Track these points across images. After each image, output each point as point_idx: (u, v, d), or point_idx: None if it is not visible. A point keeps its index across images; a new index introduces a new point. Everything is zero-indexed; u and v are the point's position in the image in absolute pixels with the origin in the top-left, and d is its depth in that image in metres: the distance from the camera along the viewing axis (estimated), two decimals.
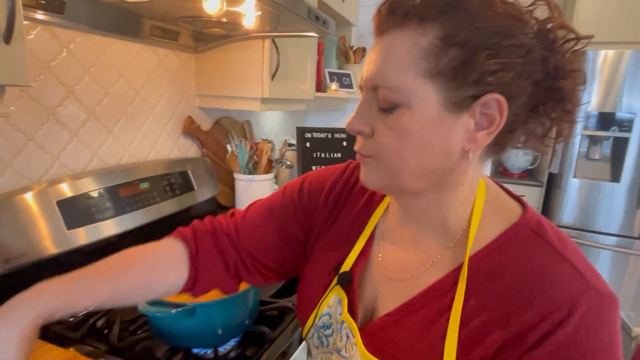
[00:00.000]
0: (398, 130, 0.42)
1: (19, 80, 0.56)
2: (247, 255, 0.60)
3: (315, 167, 1.74)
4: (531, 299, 0.40)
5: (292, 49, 1.44)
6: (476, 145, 0.42)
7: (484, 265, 0.44)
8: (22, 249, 0.79)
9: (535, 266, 0.42)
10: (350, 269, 0.53)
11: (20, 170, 0.88)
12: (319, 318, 0.54)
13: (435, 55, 0.39)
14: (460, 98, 0.40)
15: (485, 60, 0.39)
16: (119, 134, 1.13)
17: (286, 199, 0.62)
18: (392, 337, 0.47)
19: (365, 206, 0.57)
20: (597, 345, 0.39)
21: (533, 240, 0.44)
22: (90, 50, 1.00)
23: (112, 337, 0.73)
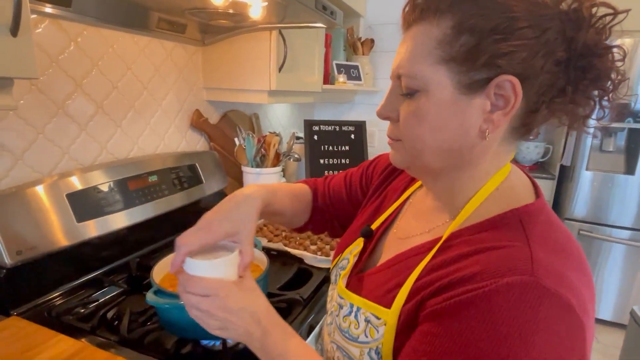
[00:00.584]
0: (417, 113, 0.46)
1: (26, 72, 0.56)
2: (332, 208, 0.77)
3: (323, 160, 1.73)
4: (473, 262, 0.42)
5: (299, 41, 1.43)
6: (493, 125, 0.45)
7: (463, 237, 0.46)
8: (34, 241, 0.80)
9: (496, 244, 0.43)
10: (375, 228, 0.62)
11: (30, 164, 0.89)
12: (341, 260, 0.63)
13: (447, 43, 0.43)
14: (472, 81, 0.43)
15: (494, 44, 0.41)
16: (128, 128, 1.13)
17: (358, 169, 0.77)
18: (368, 280, 0.55)
19: (408, 182, 0.65)
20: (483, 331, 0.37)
21: (514, 228, 0.44)
22: (98, 43, 1.01)
23: (122, 328, 0.74)
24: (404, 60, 0.46)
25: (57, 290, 0.87)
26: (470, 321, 0.38)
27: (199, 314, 0.50)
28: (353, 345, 0.51)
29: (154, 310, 0.81)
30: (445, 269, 0.44)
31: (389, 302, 0.47)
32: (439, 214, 0.53)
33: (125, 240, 1.03)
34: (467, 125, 0.45)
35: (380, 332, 0.47)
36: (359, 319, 0.51)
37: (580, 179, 2.40)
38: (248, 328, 0.50)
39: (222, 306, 0.49)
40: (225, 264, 0.51)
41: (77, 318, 0.80)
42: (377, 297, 0.50)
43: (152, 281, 0.69)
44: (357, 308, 0.52)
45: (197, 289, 0.49)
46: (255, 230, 0.58)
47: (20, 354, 0.65)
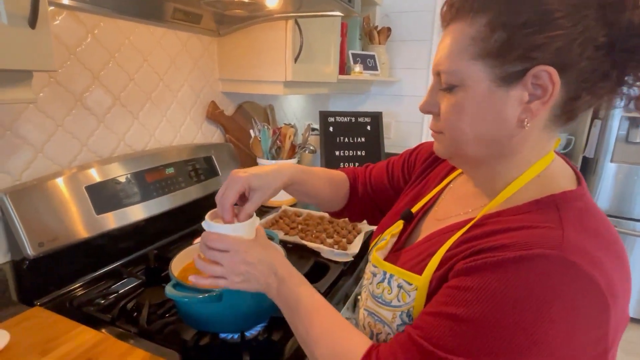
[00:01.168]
0: (456, 106, 0.49)
1: (45, 65, 0.56)
2: (373, 194, 0.82)
3: (339, 152, 1.71)
4: (505, 237, 0.44)
5: (315, 30, 1.40)
6: (532, 115, 0.46)
7: (498, 219, 0.48)
8: (55, 233, 0.81)
9: (529, 224, 0.44)
10: (415, 211, 0.65)
11: (50, 156, 0.90)
12: (380, 240, 0.67)
13: (481, 39, 0.45)
14: (508, 73, 0.45)
15: (527, 37, 0.43)
16: (144, 120, 1.13)
17: (400, 157, 0.81)
18: (404, 255, 0.59)
19: (449, 170, 0.67)
20: (501, 290, 0.39)
21: (548, 212, 0.45)
22: (115, 35, 1.00)
23: (142, 320, 0.74)
24: (442, 57, 0.49)
25: (78, 282, 0.89)
26: (491, 279, 0.41)
27: (221, 270, 0.55)
28: (386, 309, 0.54)
29: (172, 302, 0.81)
30: (477, 241, 0.46)
31: (420, 269, 0.51)
32: (478, 198, 0.56)
33: (142, 232, 1.03)
34: (505, 116, 0.47)
35: (412, 297, 0.51)
36: (392, 285, 0.55)
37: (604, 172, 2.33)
38: (267, 279, 0.56)
39: (243, 260, 0.55)
40: (245, 227, 0.58)
41: (97, 309, 0.81)
42: (410, 266, 0.54)
43: (171, 274, 0.69)
44: (390, 275, 0.56)
45: (219, 244, 0.55)
46: (269, 198, 0.66)
47: (44, 344, 0.66)
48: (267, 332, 0.75)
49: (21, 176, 0.84)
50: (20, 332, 0.69)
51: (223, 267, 0.55)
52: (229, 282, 0.56)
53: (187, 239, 1.14)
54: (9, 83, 0.55)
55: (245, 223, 0.58)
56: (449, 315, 0.42)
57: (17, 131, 0.82)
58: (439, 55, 0.50)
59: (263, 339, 0.74)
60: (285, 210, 1.33)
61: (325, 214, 1.29)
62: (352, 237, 1.12)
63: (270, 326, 0.76)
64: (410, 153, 0.79)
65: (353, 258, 1.02)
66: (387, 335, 0.54)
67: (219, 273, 0.56)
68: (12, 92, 0.55)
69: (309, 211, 1.32)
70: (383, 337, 0.55)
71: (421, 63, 2.10)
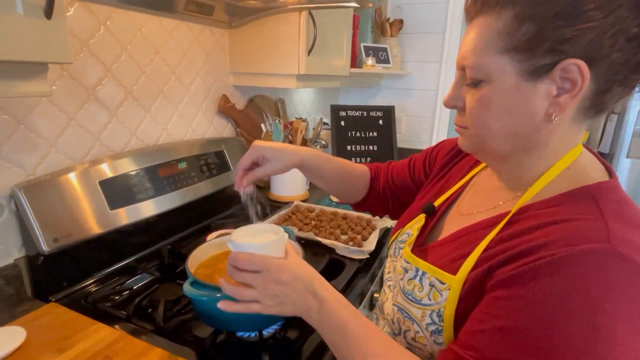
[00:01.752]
0: (481, 101, 0.48)
1: (61, 57, 0.54)
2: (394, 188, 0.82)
3: (350, 147, 1.69)
4: (545, 233, 0.42)
5: (327, 22, 1.37)
6: (560, 109, 0.45)
7: (530, 213, 0.47)
8: (69, 229, 0.80)
9: (568, 216, 0.43)
10: (437, 205, 0.64)
11: (63, 150, 0.88)
12: (402, 234, 0.66)
13: (508, 33, 0.44)
14: (536, 67, 0.44)
15: (556, 30, 0.41)
16: (156, 114, 1.11)
17: (422, 154, 0.80)
18: (433, 252, 0.56)
19: (473, 164, 0.66)
20: (553, 295, 0.38)
21: (586, 202, 0.44)
22: (127, 26, 0.98)
23: (158, 317, 0.73)
24: (467, 52, 0.48)
25: (92, 277, 0.88)
26: (541, 286, 0.39)
27: (253, 294, 0.51)
28: (415, 306, 0.53)
29: (187, 299, 0.80)
30: (515, 240, 0.45)
31: (454, 269, 0.49)
32: (504, 191, 0.55)
33: (155, 228, 1.02)
34: (532, 110, 0.46)
35: (444, 296, 0.49)
36: (424, 282, 0.53)
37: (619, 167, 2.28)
38: (305, 300, 0.51)
39: (276, 279, 0.50)
40: (273, 245, 0.53)
41: (112, 305, 0.80)
42: (443, 264, 0.52)
43: (188, 272, 0.67)
44: (422, 272, 0.54)
45: (248, 265, 0.51)
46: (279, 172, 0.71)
47: (60, 341, 0.65)
48: (284, 331, 0.74)
49: (35, 171, 0.83)
50: (36, 329, 0.68)
51: (255, 290, 0.51)
52: (262, 307, 0.52)
53: (199, 235, 1.12)
54: (24, 75, 0.53)
55: (274, 239, 0.54)
56: (502, 329, 0.40)
57: (31, 125, 0.81)
58: (464, 50, 0.49)
59: (281, 337, 0.73)
60: (297, 206, 1.31)
61: (339, 210, 1.27)
62: (367, 234, 1.10)
63: (286, 324, 0.75)
64: (432, 149, 0.79)
65: (369, 255, 1.01)
66: (415, 333, 0.52)
67: (251, 297, 0.51)
68: (27, 84, 0.54)
69: (322, 207, 1.30)
70: (411, 334, 0.53)
71: (433, 56, 2.06)
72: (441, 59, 2.04)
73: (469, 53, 0.48)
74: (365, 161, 1.69)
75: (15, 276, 0.79)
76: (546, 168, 0.49)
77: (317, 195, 1.53)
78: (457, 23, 1.96)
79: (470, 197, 0.62)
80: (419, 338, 0.52)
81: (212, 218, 1.23)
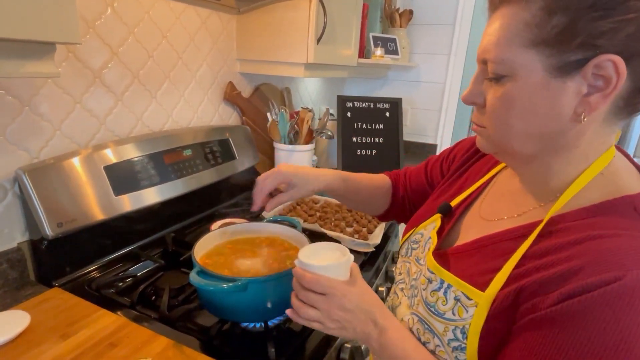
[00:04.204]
0: (504, 98, 0.45)
1: (69, 37, 0.52)
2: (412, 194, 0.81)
3: (356, 139, 1.67)
4: (582, 251, 0.39)
5: (337, 11, 1.35)
6: (590, 108, 0.41)
7: (565, 223, 0.44)
8: (73, 214, 0.79)
9: (608, 231, 0.40)
10: (454, 206, 0.61)
11: (69, 134, 0.87)
12: (415, 234, 0.64)
13: (536, 25, 0.41)
14: (566, 63, 0.40)
15: (591, 22, 0.38)
16: (162, 99, 1.10)
17: (439, 155, 0.78)
18: (455, 259, 0.53)
19: (493, 163, 0.63)
20: (599, 338, 0.35)
21: (628, 215, 0.41)
22: (134, 8, 0.96)
23: (162, 306, 0.73)
24: (490, 44, 0.45)
25: (95, 263, 0.87)
26: (583, 327, 0.36)
27: (317, 314, 0.51)
28: (438, 320, 0.50)
29: (192, 288, 0.79)
30: (549, 257, 0.41)
31: (483, 284, 0.46)
32: (529, 196, 0.51)
33: (159, 215, 1.02)
34: (560, 110, 0.42)
35: (470, 313, 0.46)
36: (448, 296, 0.50)
37: None
38: (365, 328, 0.51)
39: (340, 305, 0.50)
40: (340, 267, 0.53)
41: (116, 292, 0.79)
42: (470, 277, 0.49)
43: (195, 261, 0.66)
44: (447, 285, 0.51)
45: (315, 286, 0.50)
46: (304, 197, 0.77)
47: (65, 327, 0.65)
48: (289, 322, 0.73)
49: (39, 154, 0.82)
50: (40, 314, 0.67)
51: (318, 312, 0.51)
52: (323, 327, 0.52)
53: (203, 223, 1.12)
54: (32, 55, 0.51)
55: (342, 262, 0.53)
56: None
57: (36, 107, 0.79)
58: (486, 42, 0.45)
59: (285, 328, 0.72)
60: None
61: None
62: (373, 227, 1.09)
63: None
64: (450, 149, 0.76)
65: (375, 249, 1.00)
66: (435, 346, 0.50)
67: (314, 317, 0.51)
68: (35, 65, 0.52)
69: (326, 198, 1.29)
70: (431, 347, 0.51)
71: (442, 49, 2.03)
72: (450, 52, 2.01)
73: (491, 45, 0.44)
74: (371, 153, 1.68)
75: (19, 260, 0.78)
76: (578, 171, 0.46)
77: None
78: (468, 15, 1.93)
79: (491, 200, 0.58)
80: (440, 352, 0.50)
81: (216, 207, 1.22)
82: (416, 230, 0.64)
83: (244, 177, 1.33)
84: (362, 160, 1.66)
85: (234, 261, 0.74)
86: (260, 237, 0.83)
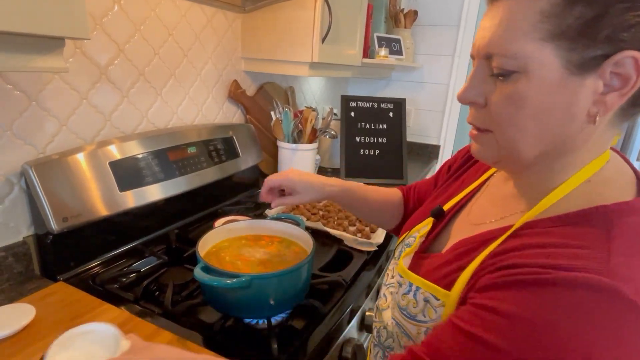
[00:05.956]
0: (514, 97, 0.41)
1: (78, 32, 0.53)
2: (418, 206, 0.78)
3: (359, 138, 1.67)
4: (540, 254, 0.38)
5: (341, 10, 1.35)
6: (605, 109, 0.39)
7: (534, 230, 0.42)
8: (79, 209, 0.80)
9: (570, 241, 0.38)
10: (447, 209, 0.59)
11: (74, 130, 0.88)
12: (408, 237, 0.62)
13: (556, 15, 0.37)
14: (587, 58, 0.37)
15: (619, 14, 0.35)
16: (167, 96, 1.10)
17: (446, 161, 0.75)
18: (430, 261, 0.52)
19: (487, 166, 0.60)
20: (533, 316, 0.34)
21: (597, 226, 0.38)
22: (141, 5, 0.96)
23: (166, 301, 0.73)
24: (497, 36, 0.40)
25: (99, 258, 0.88)
26: (522, 302, 0.35)
27: None
28: (411, 323, 0.50)
29: (196, 284, 0.80)
30: (509, 254, 0.40)
31: (448, 284, 0.46)
32: (517, 201, 0.49)
33: (163, 211, 1.02)
34: (575, 110, 0.39)
35: (439, 313, 0.46)
36: (418, 298, 0.49)
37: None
38: None
39: None
40: None
41: (120, 287, 0.80)
42: (437, 278, 0.48)
43: (199, 257, 0.67)
44: (416, 287, 0.50)
45: None
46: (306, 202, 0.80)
47: (69, 320, 0.65)
48: (293, 319, 0.74)
49: (45, 149, 0.82)
50: (45, 308, 0.68)
51: None
52: None
53: (207, 220, 1.12)
54: (41, 50, 0.52)
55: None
56: (469, 335, 0.37)
57: (43, 102, 0.80)
58: (491, 34, 0.41)
59: (288, 325, 0.72)
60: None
61: None
62: (375, 226, 1.09)
63: (294, 313, 0.75)
64: (455, 158, 0.73)
65: (377, 248, 1.00)
66: None
67: None
68: (44, 59, 0.52)
69: None
70: None
71: (446, 50, 2.03)
72: (454, 53, 2.01)
73: (499, 38, 0.40)
74: (374, 153, 1.68)
75: (24, 254, 0.79)
76: (566, 177, 0.43)
77: None
78: (473, 16, 1.93)
79: (481, 204, 0.56)
80: None
81: (220, 204, 1.23)
82: (410, 233, 0.63)
83: (247, 175, 1.34)
84: (365, 160, 1.66)
85: (237, 258, 0.74)
86: (263, 235, 0.83)
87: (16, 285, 0.76)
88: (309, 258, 0.70)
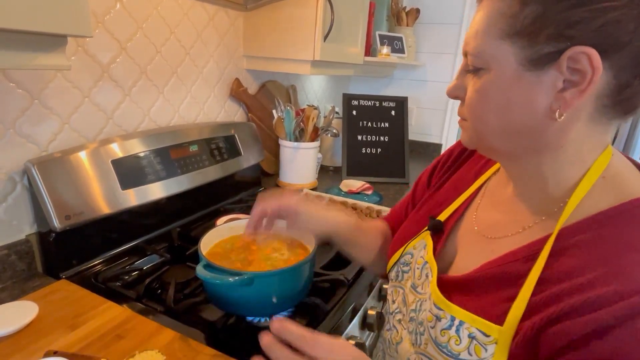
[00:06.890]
0: (480, 91, 0.43)
1: (81, 30, 0.53)
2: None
3: (361, 137, 1.67)
4: (615, 274, 0.36)
5: (343, 8, 1.35)
6: (566, 105, 0.39)
7: (577, 236, 0.40)
8: (81, 207, 0.80)
9: (625, 243, 0.37)
10: (444, 220, 0.56)
11: (77, 128, 0.88)
12: (404, 255, 0.59)
13: (511, 16, 0.39)
14: (540, 55, 0.38)
15: (563, 11, 0.36)
16: (170, 95, 1.10)
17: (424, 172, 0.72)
18: (462, 287, 0.48)
19: (480, 168, 0.59)
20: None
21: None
22: (143, 4, 0.96)
23: (168, 299, 0.73)
24: (470, 36, 0.44)
25: (102, 256, 0.88)
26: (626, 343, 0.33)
27: None
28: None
29: (198, 282, 0.80)
30: (569, 282, 0.38)
31: (499, 317, 0.41)
32: (526, 202, 0.48)
33: (165, 209, 1.02)
34: (535, 106, 0.40)
35: (489, 352, 0.41)
36: (461, 334, 0.44)
37: None
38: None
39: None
40: None
41: (122, 285, 0.80)
42: (482, 310, 0.43)
43: (201, 255, 0.67)
44: (459, 322, 0.45)
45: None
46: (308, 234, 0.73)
47: (72, 318, 0.65)
48: (295, 317, 0.74)
49: (48, 147, 0.83)
50: (48, 305, 0.68)
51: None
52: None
53: (209, 219, 1.12)
54: (44, 48, 0.52)
55: None
56: None
57: (45, 101, 0.80)
58: (468, 34, 0.44)
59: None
60: (307, 194, 1.30)
61: (348, 199, 1.26)
62: None
63: (297, 312, 0.75)
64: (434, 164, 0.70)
65: None
66: None
67: None
68: (47, 57, 0.52)
69: (331, 195, 1.29)
70: None
71: (449, 48, 2.02)
72: (456, 51, 2.00)
73: (470, 38, 0.43)
74: (375, 152, 1.67)
75: (27, 252, 0.79)
76: (577, 177, 0.43)
77: (326, 184, 1.52)
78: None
79: (486, 211, 0.53)
80: None
81: (222, 202, 1.23)
82: (405, 250, 0.59)
83: (249, 174, 1.34)
84: (367, 159, 1.66)
85: (239, 256, 0.75)
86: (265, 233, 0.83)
87: (19, 282, 0.77)
88: (311, 256, 0.70)
